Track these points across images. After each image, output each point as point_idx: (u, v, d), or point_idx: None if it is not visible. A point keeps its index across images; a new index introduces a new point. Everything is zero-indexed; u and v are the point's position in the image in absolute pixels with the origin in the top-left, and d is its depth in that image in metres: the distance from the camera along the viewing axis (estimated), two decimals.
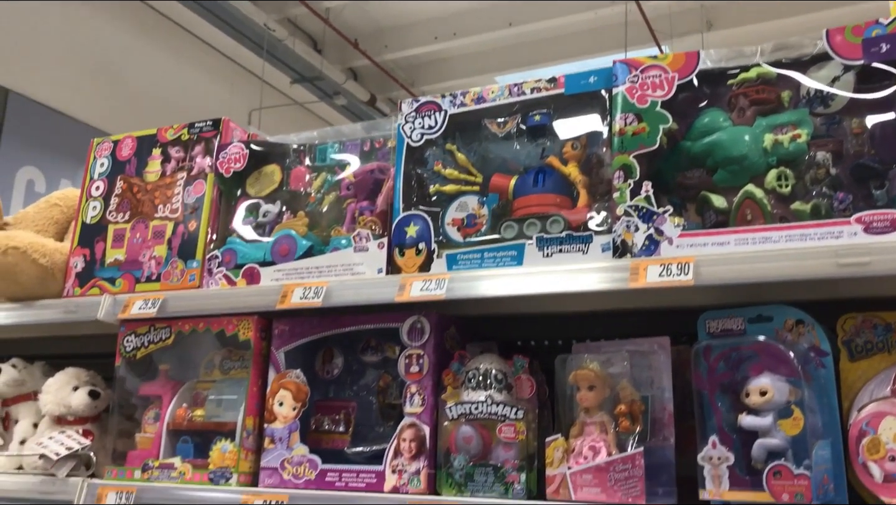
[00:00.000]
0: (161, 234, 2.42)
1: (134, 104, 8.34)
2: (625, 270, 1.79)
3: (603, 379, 1.86)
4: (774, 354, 1.70)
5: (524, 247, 1.95)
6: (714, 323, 1.85)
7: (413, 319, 2.09)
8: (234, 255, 2.28)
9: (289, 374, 2.17)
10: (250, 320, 2.21)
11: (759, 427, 1.68)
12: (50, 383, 2.46)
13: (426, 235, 2.07)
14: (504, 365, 2.00)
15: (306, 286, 2.11)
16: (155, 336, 2.33)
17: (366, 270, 2.11)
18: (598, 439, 1.82)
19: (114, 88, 8.41)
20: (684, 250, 1.78)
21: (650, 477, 1.75)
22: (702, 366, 1.78)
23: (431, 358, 2.05)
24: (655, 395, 1.85)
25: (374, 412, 2.20)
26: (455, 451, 1.94)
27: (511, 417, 1.92)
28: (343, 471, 2.04)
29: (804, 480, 1.59)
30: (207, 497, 2.11)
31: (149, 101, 8.50)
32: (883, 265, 1.57)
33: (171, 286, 2.34)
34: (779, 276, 1.66)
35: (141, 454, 2.27)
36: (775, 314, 1.78)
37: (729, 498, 1.67)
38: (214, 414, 2.24)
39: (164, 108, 8.46)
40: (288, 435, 2.12)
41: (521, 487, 1.86)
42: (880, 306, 1.78)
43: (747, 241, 1.73)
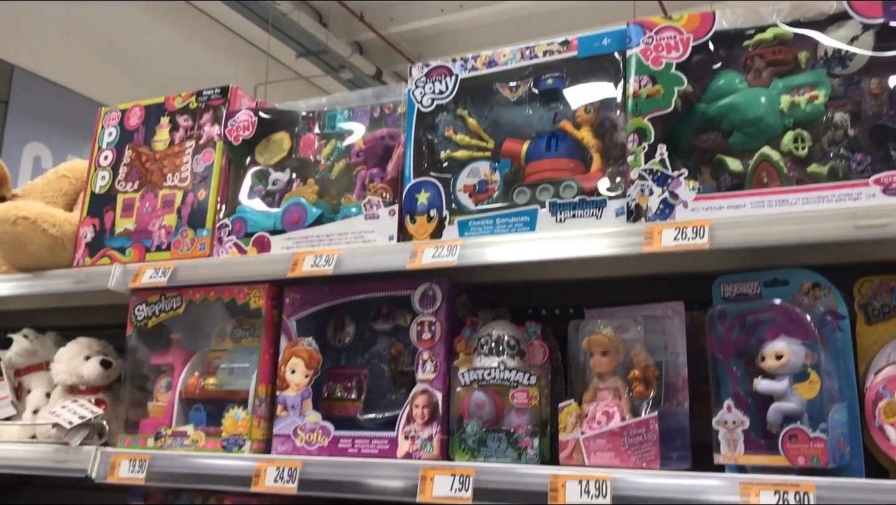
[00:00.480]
0: (170, 204, 2.41)
1: (139, 79, 8.31)
2: (639, 235, 1.78)
3: (616, 344, 1.85)
4: (790, 318, 1.68)
5: (537, 212, 1.93)
6: (729, 287, 1.84)
7: (425, 287, 2.08)
8: (244, 223, 2.27)
9: (300, 342, 2.17)
10: (261, 289, 2.21)
11: (775, 391, 1.66)
12: (62, 353, 2.47)
13: (437, 202, 2.05)
14: (516, 331, 1.99)
15: (317, 254, 2.10)
16: (166, 305, 2.33)
17: (377, 237, 2.09)
18: (611, 405, 1.82)
19: (119, 64, 8.38)
20: (699, 214, 1.76)
21: (664, 442, 1.74)
22: (717, 330, 1.77)
23: (443, 325, 2.04)
24: (669, 360, 1.85)
25: (386, 380, 2.20)
26: (468, 416, 1.94)
27: (524, 382, 1.91)
28: (356, 437, 2.04)
29: (820, 444, 1.58)
30: (221, 465, 2.11)
31: (154, 76, 8.47)
32: None
33: (181, 255, 2.33)
34: (795, 238, 1.64)
35: (153, 423, 2.28)
36: (791, 278, 1.77)
37: (744, 462, 1.66)
38: (226, 382, 2.24)
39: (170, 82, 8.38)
40: (300, 402, 2.12)
41: (534, 452, 1.86)
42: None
43: (763, 204, 1.71)
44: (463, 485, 1.82)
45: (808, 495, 1.52)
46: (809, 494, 1.52)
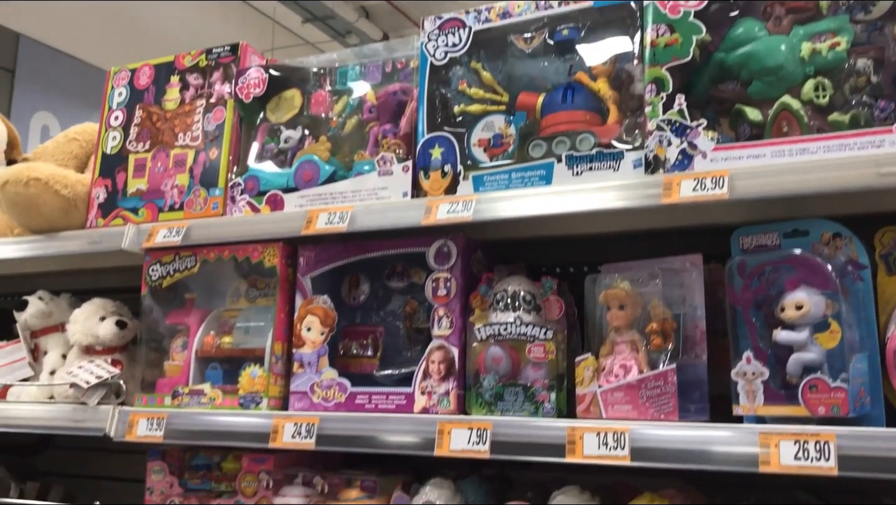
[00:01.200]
0: (182, 163, 2.39)
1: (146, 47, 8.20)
2: (657, 186, 1.75)
3: (634, 298, 1.84)
4: (811, 268, 1.67)
5: (553, 166, 1.91)
6: (748, 239, 1.82)
7: (440, 243, 2.07)
8: (257, 181, 2.25)
9: (316, 299, 2.16)
10: (275, 247, 2.20)
11: (795, 341, 1.65)
12: (77, 314, 2.47)
13: (451, 157, 2.03)
14: (532, 287, 1.98)
15: (331, 211, 2.08)
16: (180, 265, 2.33)
17: (390, 194, 2.08)
18: (629, 358, 1.81)
19: (125, 31, 8.32)
20: (719, 164, 1.73)
21: (682, 394, 1.73)
22: (736, 281, 1.75)
23: (459, 281, 2.03)
24: (687, 312, 1.83)
25: (402, 337, 2.20)
26: (484, 371, 1.94)
27: (540, 337, 1.91)
28: (372, 393, 2.04)
29: (841, 393, 1.57)
30: (239, 422, 2.12)
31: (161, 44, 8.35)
32: None
33: (194, 215, 2.32)
34: (817, 187, 1.62)
35: (170, 382, 2.29)
36: (811, 228, 1.75)
37: (763, 413, 1.66)
38: (242, 341, 2.25)
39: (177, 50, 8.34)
40: (317, 359, 2.12)
41: (551, 406, 1.86)
42: None
43: (784, 153, 1.68)
44: (480, 438, 1.83)
45: (829, 445, 1.52)
46: (830, 443, 1.52)
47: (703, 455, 1.63)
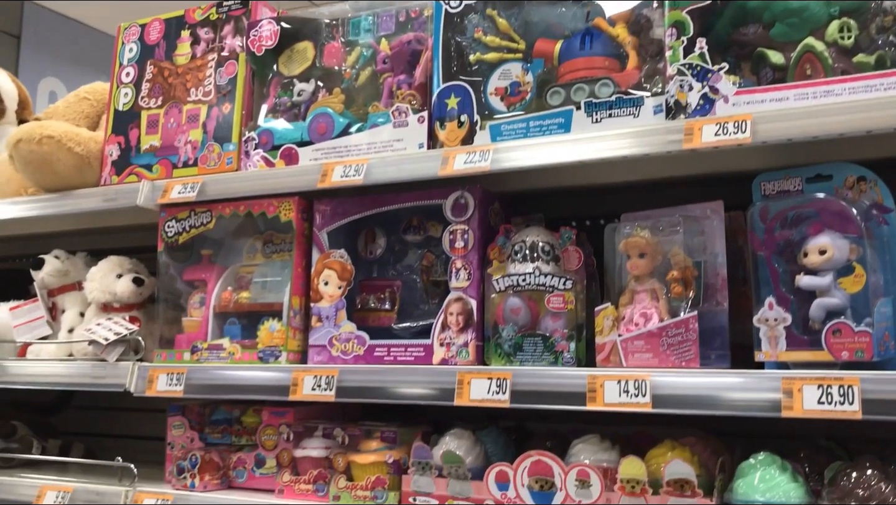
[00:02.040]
0: (195, 118, 2.37)
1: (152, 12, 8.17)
2: (679, 132, 1.73)
3: (654, 246, 1.83)
4: (835, 212, 1.64)
5: (571, 113, 1.88)
6: (769, 185, 1.79)
7: (457, 195, 2.05)
8: (271, 135, 2.24)
9: (332, 253, 2.16)
10: (291, 201, 2.19)
11: (818, 286, 1.64)
12: (94, 272, 2.48)
13: (468, 107, 2.00)
14: (551, 237, 1.96)
15: (346, 164, 2.07)
16: (196, 220, 2.32)
17: (406, 145, 2.06)
18: (649, 307, 1.80)
19: None
20: (741, 108, 1.70)
21: (703, 342, 1.73)
22: (758, 227, 1.73)
23: (476, 233, 2.02)
24: (708, 260, 1.82)
25: (419, 290, 2.19)
26: (503, 322, 1.93)
27: (559, 287, 1.90)
28: (391, 346, 2.05)
29: (865, 338, 1.56)
30: (258, 376, 2.13)
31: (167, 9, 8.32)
32: None
33: (208, 170, 2.31)
34: (842, 130, 1.59)
35: (189, 337, 2.30)
36: (835, 172, 1.72)
37: (785, 358, 1.65)
38: (260, 295, 2.25)
39: None
40: (335, 313, 2.12)
41: (571, 355, 1.86)
42: None
43: (807, 96, 1.65)
44: (500, 388, 1.83)
45: (853, 389, 1.51)
46: (854, 387, 1.51)
47: (724, 402, 1.63)
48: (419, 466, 1.93)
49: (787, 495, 1.57)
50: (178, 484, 2.22)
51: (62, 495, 2.31)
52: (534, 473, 1.81)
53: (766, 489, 1.58)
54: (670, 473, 1.67)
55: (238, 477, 2.26)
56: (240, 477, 2.26)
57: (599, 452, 1.81)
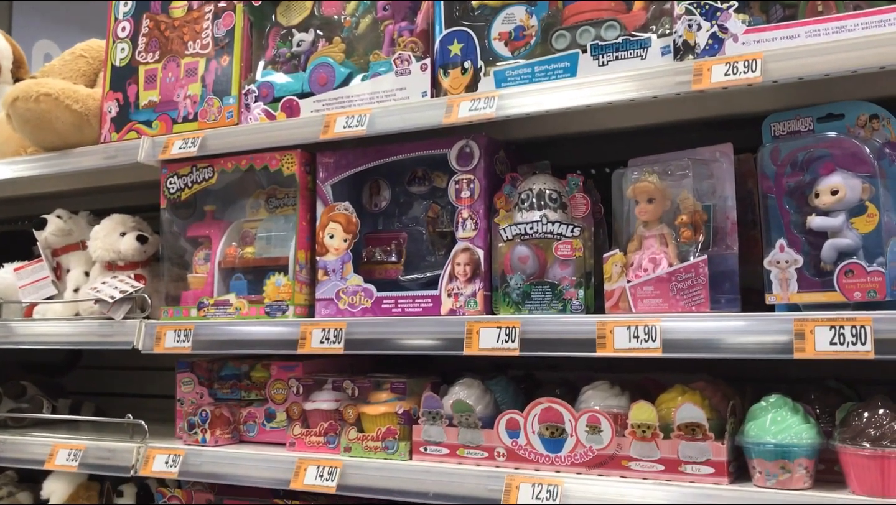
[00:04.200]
0: (194, 72, 2.34)
1: None
2: (688, 73, 1.69)
3: (662, 191, 1.80)
4: (847, 151, 1.62)
5: (577, 57, 1.85)
6: (780, 126, 1.77)
7: (462, 144, 2.02)
8: (271, 88, 2.20)
9: (337, 206, 2.14)
10: (293, 154, 2.16)
11: (830, 227, 1.62)
12: (97, 230, 2.46)
13: (471, 53, 1.97)
14: (558, 184, 1.94)
15: (349, 115, 2.04)
16: (198, 176, 2.30)
17: (409, 94, 2.02)
18: (658, 252, 1.78)
19: None
20: (751, 47, 1.67)
21: (713, 286, 1.71)
22: (768, 169, 1.71)
23: (482, 182, 1.99)
24: (717, 204, 1.80)
25: (425, 242, 2.18)
26: (511, 271, 1.92)
27: (567, 234, 1.88)
28: (399, 298, 2.04)
29: (878, 277, 1.54)
30: (266, 331, 2.13)
31: None
32: None
33: (209, 125, 2.28)
34: (855, 66, 1.55)
35: (195, 294, 2.29)
36: (846, 111, 1.69)
37: (797, 300, 1.64)
38: (265, 250, 2.24)
39: None
40: (341, 266, 2.11)
41: (580, 302, 1.85)
42: None
43: (819, 33, 1.62)
44: (509, 336, 1.82)
45: (865, 329, 1.50)
46: (866, 327, 1.50)
47: (735, 345, 1.62)
48: (429, 415, 1.94)
49: (800, 436, 1.57)
50: (189, 439, 2.23)
51: (74, 454, 2.33)
52: (544, 420, 1.81)
53: (777, 431, 1.58)
54: (681, 418, 1.67)
55: (249, 431, 2.27)
56: (250, 431, 2.27)
57: (609, 398, 1.81)
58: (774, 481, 1.58)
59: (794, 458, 1.57)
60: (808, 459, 1.58)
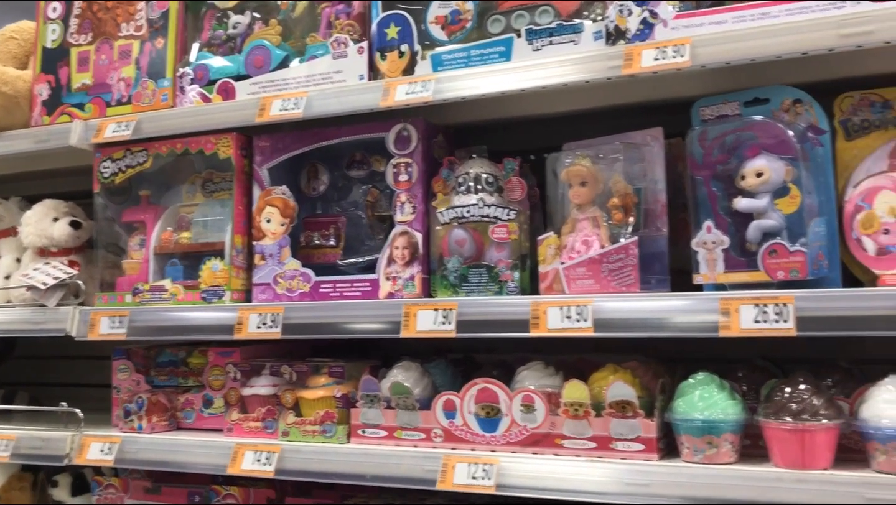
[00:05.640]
0: (127, 54, 2.29)
1: None
2: (618, 58, 1.72)
3: (595, 174, 1.83)
4: (771, 134, 1.66)
5: (512, 41, 1.86)
6: (708, 110, 1.80)
7: (399, 127, 2.02)
8: (207, 70, 2.17)
9: (274, 190, 2.12)
10: (229, 137, 2.14)
11: (755, 208, 1.66)
12: (28, 216, 2.41)
13: (408, 36, 1.97)
14: (494, 168, 1.96)
15: (285, 97, 2.02)
16: (132, 160, 2.26)
17: (346, 77, 2.02)
18: (590, 234, 1.81)
19: None
20: (680, 32, 1.70)
21: (644, 267, 1.75)
22: (697, 151, 1.75)
23: (420, 166, 2.00)
24: (648, 186, 1.83)
25: (365, 226, 2.18)
26: (448, 254, 1.93)
27: (503, 218, 1.90)
28: (337, 282, 2.04)
29: (800, 257, 1.59)
30: (202, 316, 2.11)
31: None
32: (887, 33, 1.51)
33: (143, 107, 2.24)
34: (778, 51, 1.60)
35: (130, 280, 2.25)
36: (772, 95, 1.74)
37: (723, 280, 1.68)
38: (201, 235, 2.21)
39: None
40: (278, 251, 2.10)
41: (515, 284, 1.87)
42: (879, 84, 1.73)
43: (745, 18, 1.66)
44: (446, 319, 1.83)
45: (788, 307, 1.54)
46: (789, 305, 1.54)
47: (664, 324, 1.66)
48: (367, 398, 1.94)
49: (725, 412, 1.62)
50: (125, 427, 2.20)
51: (6, 444, 2.28)
52: (480, 401, 1.83)
53: (704, 407, 1.62)
54: (612, 396, 1.70)
55: (186, 418, 2.25)
56: (188, 418, 2.24)
57: (544, 378, 1.84)
58: (701, 456, 1.63)
59: (720, 433, 1.61)
60: (734, 435, 1.63)
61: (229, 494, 2.17)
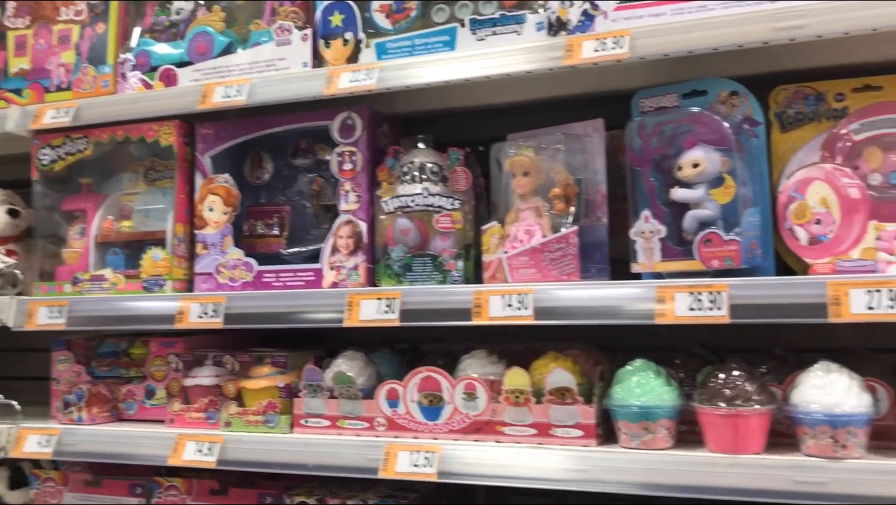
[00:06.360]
0: (67, 39, 2.25)
1: None
2: (560, 49, 1.74)
3: (537, 164, 1.84)
4: (708, 125, 1.69)
5: (456, 31, 1.87)
6: (648, 101, 1.83)
7: (344, 116, 2.02)
8: (149, 57, 2.14)
9: (217, 178, 2.10)
10: (171, 125, 2.11)
11: (691, 199, 1.69)
12: None
13: (352, 24, 1.96)
14: (439, 158, 1.96)
15: (228, 84, 2.00)
16: (72, 147, 2.22)
17: (290, 64, 2.00)
18: (533, 224, 1.82)
19: None
20: (620, 24, 1.72)
21: (584, 256, 1.77)
22: (636, 142, 1.77)
23: (365, 155, 2.00)
24: (589, 177, 1.85)
25: (309, 215, 2.16)
26: (393, 243, 1.93)
27: (447, 207, 1.90)
28: (280, 271, 2.02)
29: (734, 246, 1.62)
30: (143, 306, 2.08)
31: None
32: (819, 27, 1.55)
33: (83, 94, 2.20)
34: (715, 44, 1.63)
35: (70, 269, 2.21)
36: (709, 88, 1.77)
37: (660, 269, 1.71)
38: (143, 224, 2.18)
39: None
40: (221, 240, 2.07)
41: (459, 274, 1.87)
42: (813, 77, 1.77)
43: (683, 11, 1.68)
44: (390, 307, 1.83)
45: (721, 295, 1.58)
46: (722, 293, 1.57)
47: (602, 311, 1.68)
48: (310, 388, 1.94)
49: (661, 398, 1.64)
50: (64, 419, 2.16)
51: None
52: (423, 389, 1.84)
53: (641, 393, 1.65)
54: (552, 383, 1.72)
55: (128, 409, 2.22)
56: (130, 409, 2.22)
57: (487, 366, 1.85)
58: (638, 442, 1.65)
59: (656, 419, 1.64)
60: (670, 420, 1.66)
61: (172, 485, 2.14)
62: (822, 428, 1.52)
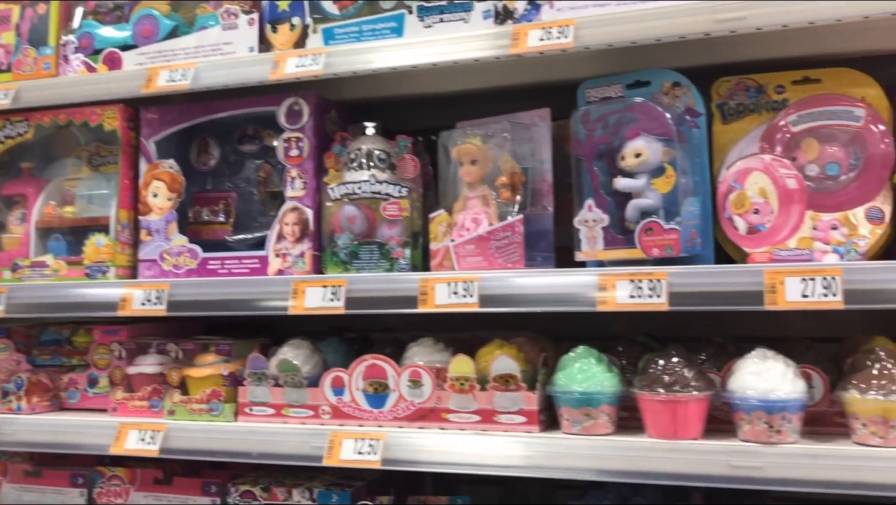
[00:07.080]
0: (6, 20, 2.19)
1: None
2: (506, 37, 1.74)
3: (485, 153, 1.85)
4: (650, 115, 1.71)
5: (404, 17, 1.86)
6: (593, 91, 1.85)
7: (290, 101, 2.00)
8: (92, 39, 2.10)
9: (161, 164, 2.07)
10: (115, 109, 2.08)
11: (633, 188, 1.71)
12: None
13: (300, 9, 1.94)
14: (387, 145, 1.95)
15: (173, 68, 1.97)
16: (11, 131, 2.17)
17: (236, 49, 1.98)
18: (480, 212, 1.83)
19: None
20: (565, 14, 1.73)
21: (529, 244, 1.78)
22: (580, 132, 1.79)
23: (312, 141, 1.98)
24: (536, 166, 1.86)
25: (256, 202, 2.15)
26: (339, 231, 1.92)
27: (395, 195, 1.90)
28: (225, 259, 2.00)
29: (673, 235, 1.65)
30: (86, 293, 2.04)
31: None
32: (759, 19, 1.57)
33: (24, 76, 2.15)
34: (658, 34, 1.64)
35: (9, 255, 2.17)
36: (653, 78, 1.79)
37: (603, 257, 1.73)
38: (86, 210, 2.14)
39: None
40: (165, 226, 2.05)
41: (406, 262, 1.87)
42: (754, 69, 1.80)
43: (627, 1, 1.69)
44: (335, 295, 1.83)
45: (661, 283, 1.60)
46: (662, 281, 1.60)
47: (546, 298, 1.69)
48: (255, 376, 1.92)
49: (602, 384, 1.66)
50: (3, 408, 2.12)
51: None
52: (369, 377, 1.83)
53: (583, 379, 1.67)
54: (496, 370, 1.73)
55: (70, 398, 2.18)
56: (72, 398, 2.18)
57: (433, 354, 1.86)
58: (580, 428, 1.67)
59: (597, 405, 1.66)
60: (611, 407, 1.68)
61: (115, 475, 2.11)
62: (758, 414, 1.56)
